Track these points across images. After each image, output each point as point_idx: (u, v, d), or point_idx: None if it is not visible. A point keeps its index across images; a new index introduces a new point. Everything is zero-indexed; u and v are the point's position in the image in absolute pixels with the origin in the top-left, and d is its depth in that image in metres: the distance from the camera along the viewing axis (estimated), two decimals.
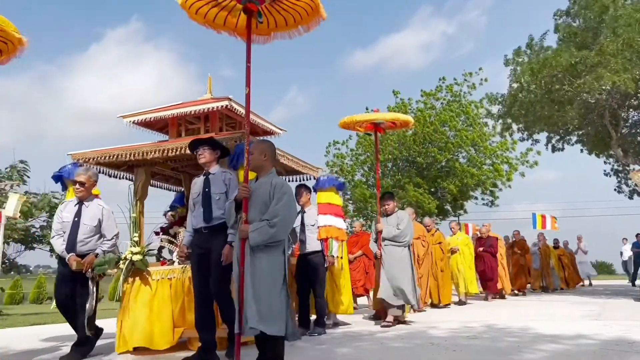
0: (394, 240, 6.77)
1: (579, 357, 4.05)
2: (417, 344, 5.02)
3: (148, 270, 5.14)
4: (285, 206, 3.68)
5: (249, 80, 3.93)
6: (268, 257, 3.63)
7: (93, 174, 5.09)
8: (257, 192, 3.80)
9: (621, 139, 12.93)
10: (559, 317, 7.33)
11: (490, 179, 22.32)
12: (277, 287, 3.57)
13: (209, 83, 5.98)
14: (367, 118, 7.27)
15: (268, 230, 3.59)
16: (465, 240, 10.73)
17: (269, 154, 3.93)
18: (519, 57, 13.04)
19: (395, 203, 7.14)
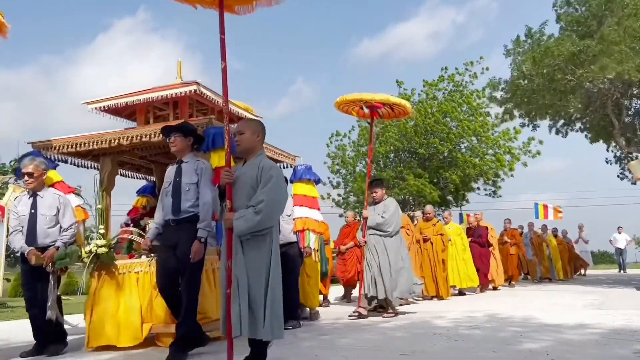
0: (378, 228, 6.59)
1: (580, 347, 4.05)
2: (419, 334, 5.03)
3: (115, 264, 4.92)
4: (273, 190, 3.35)
5: (224, 54, 3.63)
6: (255, 249, 3.37)
7: (40, 162, 4.79)
8: (243, 176, 3.50)
9: (624, 127, 12.88)
10: (562, 306, 7.33)
11: (492, 169, 22.30)
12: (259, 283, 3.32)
13: (179, 68, 5.68)
14: (357, 97, 7.00)
15: (254, 217, 3.28)
16: (458, 230, 10.44)
17: (261, 134, 3.63)
18: (519, 46, 12.96)
19: (384, 191, 6.92)
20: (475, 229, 11.18)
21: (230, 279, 3.33)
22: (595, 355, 3.68)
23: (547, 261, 14.70)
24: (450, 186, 22.38)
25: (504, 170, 22.51)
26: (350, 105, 7.24)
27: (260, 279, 3.33)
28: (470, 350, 4.07)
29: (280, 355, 4.14)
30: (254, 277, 3.31)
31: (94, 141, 5.23)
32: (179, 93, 5.31)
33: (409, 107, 7.26)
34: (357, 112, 7.44)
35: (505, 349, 4.05)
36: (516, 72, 12.78)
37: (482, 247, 10.91)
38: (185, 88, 5.27)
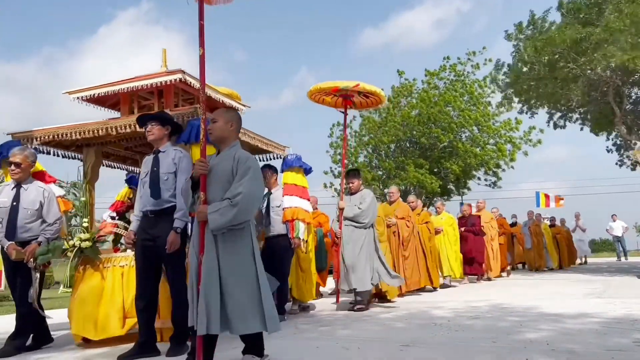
0: (354, 220, 6.46)
1: (580, 336, 4.06)
2: (420, 324, 5.04)
3: (99, 258, 4.81)
4: (250, 182, 3.23)
5: (203, 40, 3.53)
6: (233, 243, 3.24)
7: (30, 153, 4.62)
8: (217, 167, 3.35)
9: (625, 115, 12.83)
10: (563, 295, 7.35)
11: (493, 159, 22.26)
12: (246, 278, 3.22)
13: (164, 56, 5.45)
14: (330, 85, 6.79)
15: (230, 210, 3.15)
16: (450, 221, 10.13)
17: (235, 124, 3.50)
18: (521, 33, 12.87)
19: (361, 181, 6.78)
20: (469, 218, 10.91)
21: (200, 276, 3.20)
22: (594, 345, 3.69)
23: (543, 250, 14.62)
24: (451, 176, 22.36)
25: (505, 160, 22.48)
26: (323, 95, 7.03)
27: (246, 274, 3.23)
28: (471, 340, 4.08)
29: (280, 348, 4.16)
30: (236, 272, 3.19)
31: (76, 132, 5.05)
32: (163, 82, 5.13)
33: (382, 95, 7.06)
34: (331, 101, 7.22)
35: (506, 338, 4.06)
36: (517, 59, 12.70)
37: (476, 235, 10.66)
38: (170, 77, 5.10)
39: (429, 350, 3.76)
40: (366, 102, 7.29)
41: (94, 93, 5.32)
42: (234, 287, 3.17)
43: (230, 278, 3.18)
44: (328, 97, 7.17)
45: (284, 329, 5.14)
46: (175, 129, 4.39)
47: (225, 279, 3.17)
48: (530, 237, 14.30)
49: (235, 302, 3.16)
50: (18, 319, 4.51)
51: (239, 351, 3.50)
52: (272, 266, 5.81)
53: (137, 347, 3.99)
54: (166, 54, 5.38)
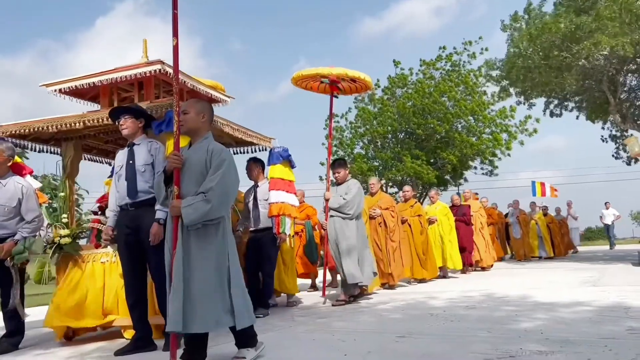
0: (339, 210, 6.35)
1: (574, 324, 4.09)
2: (416, 315, 5.08)
3: (79, 254, 4.74)
4: (224, 176, 3.16)
5: (177, 30, 3.45)
6: (206, 238, 3.16)
7: (7, 147, 4.53)
8: (190, 160, 3.28)
9: (619, 104, 12.86)
10: (558, 284, 7.39)
11: (489, 148, 22.30)
12: (217, 274, 3.15)
13: (145, 46, 5.28)
14: (314, 72, 6.66)
15: (204, 205, 3.08)
16: (444, 210, 9.98)
17: (207, 115, 3.44)
18: (516, 22, 12.88)
19: (347, 171, 6.69)
20: (459, 208, 10.78)
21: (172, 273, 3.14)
22: (588, 333, 3.72)
23: (536, 239, 14.53)
24: (447, 166, 22.40)
25: (501, 150, 22.52)
26: (308, 81, 6.91)
27: (218, 270, 3.16)
28: (466, 330, 4.10)
29: (277, 340, 4.19)
30: (206, 268, 3.12)
31: (53, 125, 4.90)
32: (143, 73, 4.97)
33: (368, 81, 6.88)
34: (317, 88, 7.11)
35: (500, 328, 4.09)
36: (512, 48, 12.72)
37: (467, 225, 10.59)
38: (149, 68, 4.94)
39: (424, 340, 3.79)
40: (355, 87, 7.13)
41: (71, 85, 5.16)
42: (202, 284, 3.10)
43: (199, 274, 3.10)
44: (315, 84, 7.05)
45: (281, 321, 5.20)
46: (150, 121, 4.30)
47: (194, 276, 3.10)
48: (518, 226, 14.24)
49: (202, 298, 3.09)
50: (7, 320, 4.47)
51: (232, 345, 3.51)
52: (258, 261, 5.83)
53: (133, 342, 4.00)
54: (147, 44, 5.21)
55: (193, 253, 3.13)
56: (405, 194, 9.19)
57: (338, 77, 6.76)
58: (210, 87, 5.69)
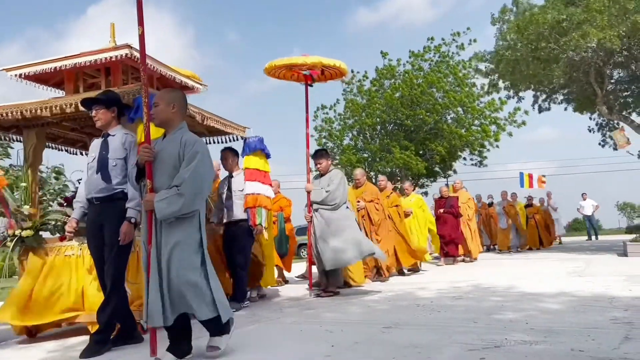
0: (323, 203, 6.22)
1: (559, 314, 4.14)
2: (403, 306, 5.11)
3: (43, 247, 4.54)
4: (197, 168, 3.07)
5: (142, 18, 3.31)
6: (179, 233, 3.08)
7: None
8: (163, 152, 3.18)
9: (606, 96, 12.95)
10: (544, 274, 7.46)
11: (477, 139, 22.40)
12: (192, 268, 3.08)
13: (112, 30, 5.02)
14: (287, 62, 6.47)
15: (178, 199, 3.00)
16: (419, 202, 9.84)
17: (177, 105, 3.31)
18: (505, 14, 12.90)
19: (329, 162, 6.53)
20: (447, 200, 10.62)
21: (149, 268, 3.09)
22: (572, 323, 3.76)
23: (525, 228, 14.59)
24: (436, 157, 22.47)
25: (490, 141, 22.63)
26: (281, 70, 6.77)
27: (193, 262, 3.09)
28: (452, 321, 4.14)
29: (264, 331, 4.20)
30: (183, 261, 3.05)
31: (12, 112, 4.70)
32: (109, 58, 4.72)
33: (344, 68, 6.71)
34: (291, 77, 6.96)
35: (486, 318, 4.12)
36: (501, 41, 12.75)
37: (455, 217, 10.47)
38: (115, 52, 4.71)
39: (410, 331, 3.81)
40: (329, 73, 6.96)
41: (33, 70, 4.93)
42: (182, 276, 3.04)
43: (177, 267, 3.04)
44: (289, 72, 6.88)
45: (268, 313, 5.20)
46: (123, 108, 4.12)
47: (172, 269, 3.04)
48: (504, 217, 14.25)
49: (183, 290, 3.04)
50: None
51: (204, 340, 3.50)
52: (232, 253, 5.69)
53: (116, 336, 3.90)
54: (114, 28, 5.00)
55: (169, 247, 3.05)
56: (380, 183, 8.93)
57: (313, 66, 6.58)
58: (184, 76, 5.54)
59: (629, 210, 44.80)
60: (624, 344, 3.01)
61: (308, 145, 6.78)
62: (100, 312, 3.76)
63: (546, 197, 17.58)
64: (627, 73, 13.50)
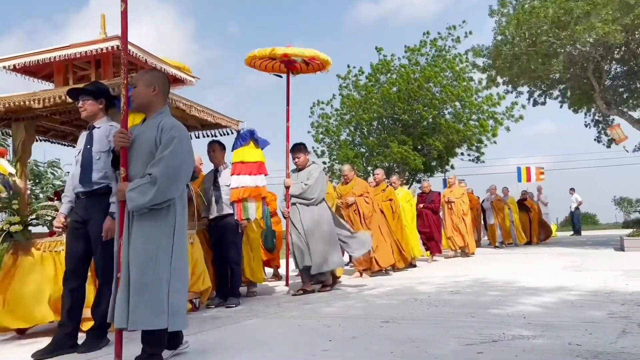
0: (301, 197, 6.15)
1: (557, 309, 4.15)
2: (401, 300, 5.11)
3: (31, 242, 4.42)
4: (174, 154, 2.83)
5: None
6: (150, 226, 2.84)
7: None
8: (140, 138, 2.96)
9: (604, 91, 12.95)
10: (541, 269, 7.49)
11: (475, 134, 22.41)
12: (158, 267, 2.80)
13: (102, 22, 4.84)
14: (269, 52, 6.35)
15: (150, 188, 2.77)
16: (407, 197, 9.53)
17: (159, 87, 3.06)
18: (504, 7, 12.84)
19: (307, 156, 6.41)
20: (428, 195, 10.39)
21: (120, 263, 2.88)
22: (570, 317, 3.77)
23: (508, 225, 14.23)
24: (434, 152, 22.48)
25: (487, 136, 22.65)
26: (263, 61, 6.67)
27: (160, 261, 2.81)
28: (450, 315, 4.15)
29: (263, 327, 4.20)
30: (149, 258, 2.80)
31: None
32: (99, 49, 4.57)
33: (327, 59, 6.63)
34: (272, 68, 6.87)
35: (484, 313, 4.13)
36: (499, 35, 12.71)
37: (434, 214, 10.27)
38: (105, 44, 4.54)
39: (408, 325, 3.82)
40: (311, 66, 6.90)
41: (21, 62, 4.78)
42: (138, 275, 2.80)
43: (136, 264, 2.81)
44: (270, 64, 6.79)
45: (266, 307, 5.20)
46: (111, 100, 3.96)
47: (132, 266, 2.82)
48: (492, 212, 13.98)
49: (136, 292, 2.79)
50: None
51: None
52: (223, 248, 5.57)
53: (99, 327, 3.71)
54: (104, 19, 4.84)
55: (135, 242, 2.85)
56: (376, 177, 8.80)
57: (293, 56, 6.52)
58: (173, 67, 5.43)
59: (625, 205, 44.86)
60: (621, 339, 3.02)
61: (288, 139, 6.67)
62: (95, 308, 3.70)
63: (536, 192, 17.26)
64: (624, 68, 13.50)
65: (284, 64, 6.76)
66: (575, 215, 19.65)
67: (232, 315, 4.87)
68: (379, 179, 8.76)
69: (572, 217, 19.92)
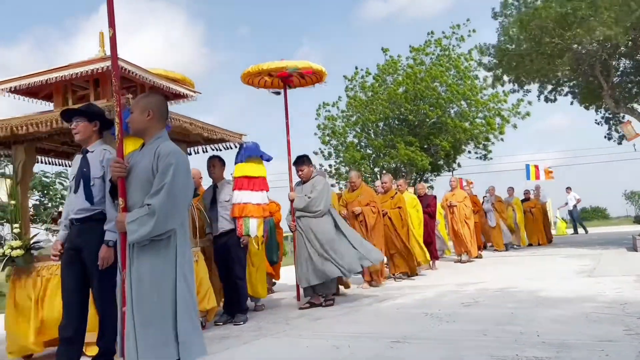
0: (305, 210, 6.09)
1: (571, 324, 4.06)
2: (411, 315, 5.02)
3: (33, 267, 4.38)
4: (171, 183, 2.72)
5: (113, 19, 3.00)
6: (151, 256, 2.75)
7: None
8: (137, 167, 2.87)
9: (612, 88, 12.78)
10: (552, 275, 7.36)
11: (482, 133, 22.27)
12: (161, 298, 2.73)
13: (101, 39, 4.72)
14: (266, 68, 6.25)
15: (149, 219, 2.67)
16: (413, 202, 9.21)
17: (155, 112, 2.94)
18: (507, 9, 12.73)
19: (311, 168, 6.31)
20: (423, 198, 9.93)
21: (124, 297, 2.78)
22: (585, 335, 3.68)
23: (513, 227, 13.67)
24: (440, 152, 22.37)
25: (494, 134, 22.50)
26: (259, 78, 6.59)
27: (164, 293, 2.74)
28: (462, 333, 4.06)
29: (270, 348, 4.14)
30: (152, 291, 2.73)
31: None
32: (96, 69, 4.47)
33: (321, 69, 6.55)
34: (272, 84, 6.80)
35: (496, 330, 4.05)
36: (503, 36, 12.59)
37: (431, 218, 9.93)
38: (103, 63, 4.44)
39: (419, 346, 3.74)
40: (309, 79, 6.82)
41: (19, 84, 4.74)
42: (144, 310, 2.73)
43: (140, 299, 2.74)
44: (268, 80, 6.73)
45: (274, 325, 5.13)
46: (106, 123, 3.84)
47: (136, 300, 2.74)
48: (493, 214, 13.16)
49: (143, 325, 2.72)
50: None
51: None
52: (228, 265, 5.51)
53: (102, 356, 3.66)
54: (103, 37, 4.73)
55: (137, 274, 2.76)
56: (384, 185, 8.60)
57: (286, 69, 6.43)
58: (174, 82, 5.37)
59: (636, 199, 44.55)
60: None
61: (290, 152, 6.59)
62: (100, 339, 3.65)
63: (534, 190, 16.45)
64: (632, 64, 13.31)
65: (281, 79, 6.68)
66: (574, 214, 19.43)
67: (240, 334, 4.81)
68: (387, 187, 8.59)
69: (571, 216, 19.67)
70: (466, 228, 10.76)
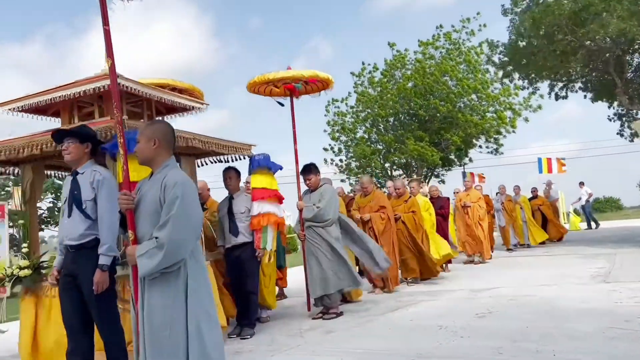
0: (314, 220, 6.03)
1: (587, 341, 4.01)
2: (425, 328, 4.98)
3: (41, 287, 4.36)
4: (178, 215, 2.71)
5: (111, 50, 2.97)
6: (163, 290, 2.73)
7: None
8: (146, 198, 2.87)
9: (626, 85, 12.60)
10: (566, 280, 7.26)
11: (493, 127, 22.14)
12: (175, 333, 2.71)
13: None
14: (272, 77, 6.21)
15: (157, 253, 2.66)
16: (425, 205, 8.99)
17: (160, 140, 2.92)
18: (517, 6, 12.56)
19: (319, 177, 6.27)
20: (436, 200, 9.75)
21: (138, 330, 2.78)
22: (603, 354, 3.63)
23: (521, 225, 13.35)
24: (451, 147, 22.25)
25: (506, 128, 22.36)
26: (266, 86, 6.54)
27: (174, 328, 2.71)
28: (476, 350, 4.03)
29: None
30: (163, 326, 2.71)
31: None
32: (100, 87, 4.48)
33: (327, 77, 6.48)
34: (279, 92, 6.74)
35: (511, 348, 4.00)
36: (514, 34, 12.44)
37: (444, 220, 9.75)
38: (105, 81, 4.38)
39: None
40: (315, 87, 6.78)
41: (25, 104, 4.78)
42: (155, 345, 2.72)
43: (151, 334, 2.73)
44: (276, 88, 6.68)
45: (288, 338, 5.12)
46: (97, 145, 3.82)
47: (147, 335, 2.74)
48: (502, 214, 12.92)
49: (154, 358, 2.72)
50: None
51: None
52: (241, 278, 5.49)
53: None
54: None
55: (148, 308, 2.76)
56: (398, 191, 8.51)
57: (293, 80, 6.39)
58: (181, 94, 5.35)
59: None
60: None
61: (297, 161, 6.53)
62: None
63: (546, 187, 16.15)
64: None
65: (286, 87, 6.62)
66: (587, 209, 19.26)
67: (254, 349, 4.82)
68: (401, 192, 8.49)
69: (583, 211, 19.51)
70: (480, 229, 10.65)
